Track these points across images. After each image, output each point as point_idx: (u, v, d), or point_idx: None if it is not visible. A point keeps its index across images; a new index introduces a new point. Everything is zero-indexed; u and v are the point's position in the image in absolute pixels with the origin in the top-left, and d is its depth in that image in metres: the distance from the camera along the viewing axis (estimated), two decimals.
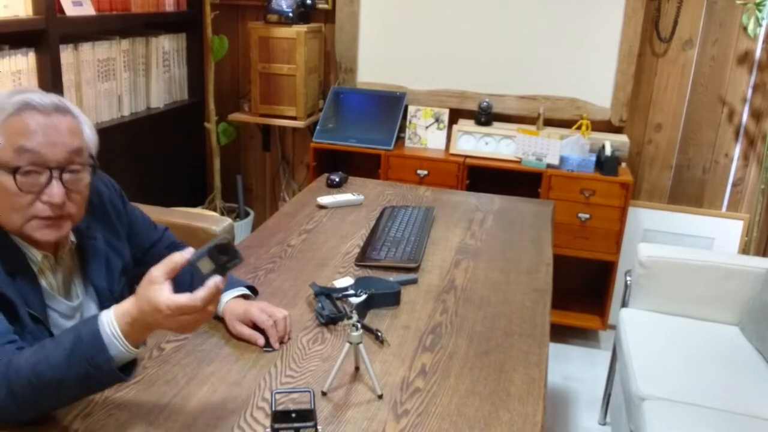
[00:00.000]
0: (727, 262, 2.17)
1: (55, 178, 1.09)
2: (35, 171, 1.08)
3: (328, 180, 2.18)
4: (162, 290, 0.92)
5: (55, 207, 1.10)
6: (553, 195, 2.72)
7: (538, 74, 2.95)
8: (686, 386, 1.80)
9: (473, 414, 1.05)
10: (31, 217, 1.10)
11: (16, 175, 1.07)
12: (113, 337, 0.93)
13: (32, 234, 1.11)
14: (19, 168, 1.06)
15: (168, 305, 0.91)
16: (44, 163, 1.08)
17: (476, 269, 1.60)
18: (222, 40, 3.10)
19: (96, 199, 1.29)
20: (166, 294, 0.92)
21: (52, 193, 1.09)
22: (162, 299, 0.91)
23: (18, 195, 1.08)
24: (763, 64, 2.77)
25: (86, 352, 0.92)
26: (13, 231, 1.12)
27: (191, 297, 0.92)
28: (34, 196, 1.09)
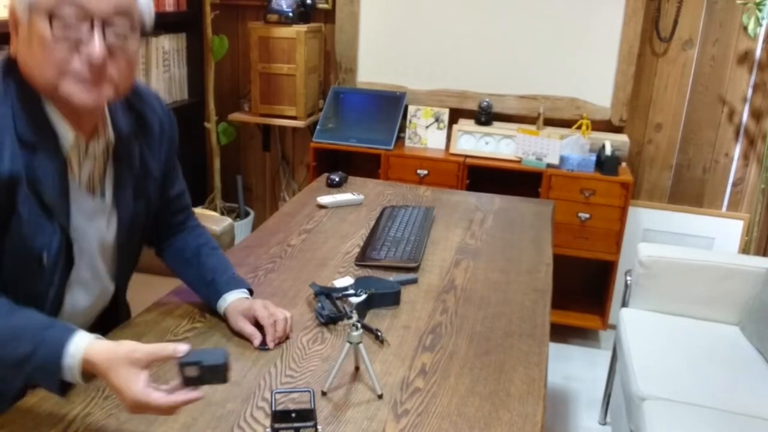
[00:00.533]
0: (728, 262, 2.17)
1: (96, 31, 0.96)
2: (75, 20, 0.95)
3: (328, 180, 2.18)
4: (138, 379, 0.89)
5: (95, 67, 0.97)
6: (553, 195, 2.72)
7: (538, 74, 2.95)
8: (686, 386, 1.79)
9: (473, 414, 1.05)
10: (67, 73, 0.97)
11: (53, 21, 0.94)
12: (70, 369, 0.93)
13: (67, 91, 0.98)
14: (58, 14, 0.94)
15: (138, 397, 0.88)
16: (87, 13, 0.95)
17: (476, 269, 1.60)
18: (222, 40, 3.10)
19: (150, 115, 1.21)
20: (141, 386, 0.89)
21: (93, 47, 0.96)
22: (135, 389, 0.88)
23: (54, 45, 0.95)
24: (763, 63, 2.77)
25: (40, 365, 0.93)
26: (47, 89, 1.00)
27: (163, 400, 0.89)
28: (73, 49, 0.97)
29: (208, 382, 0.91)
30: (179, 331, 1.25)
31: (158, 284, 2.17)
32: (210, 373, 0.90)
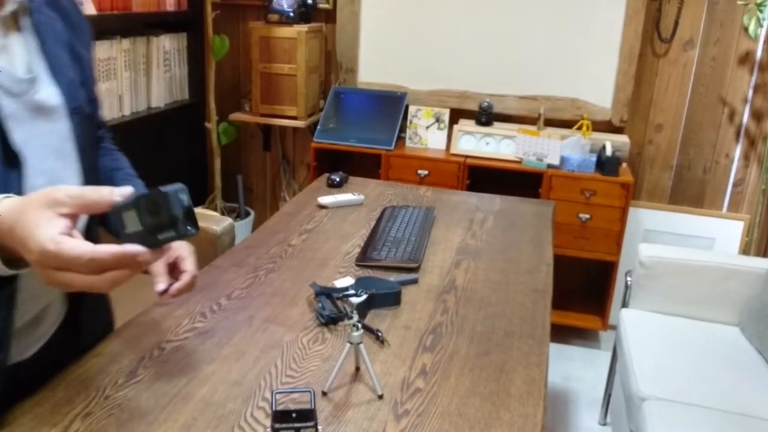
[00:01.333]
0: (728, 263, 2.17)
1: None
2: None
3: (329, 180, 2.18)
4: (50, 224, 0.65)
5: None
6: (553, 195, 2.72)
7: (539, 74, 2.95)
8: (686, 386, 1.79)
9: (473, 414, 1.05)
10: None
11: None
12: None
13: None
14: None
15: (46, 245, 0.64)
16: None
17: (477, 269, 1.60)
18: (223, 40, 3.10)
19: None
20: (52, 231, 0.65)
21: None
22: (43, 235, 0.64)
23: None
24: (763, 64, 2.77)
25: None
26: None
27: (82, 249, 0.65)
28: None
29: (158, 241, 0.67)
30: (179, 331, 1.25)
31: None
32: (152, 217, 0.66)
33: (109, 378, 1.08)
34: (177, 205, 0.66)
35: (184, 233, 0.67)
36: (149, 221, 0.66)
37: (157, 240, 0.67)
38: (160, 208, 0.67)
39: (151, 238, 0.67)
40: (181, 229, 0.67)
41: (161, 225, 0.66)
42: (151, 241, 0.67)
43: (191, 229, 0.68)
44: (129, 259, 0.67)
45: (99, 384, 1.05)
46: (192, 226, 0.68)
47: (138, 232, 0.67)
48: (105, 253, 0.66)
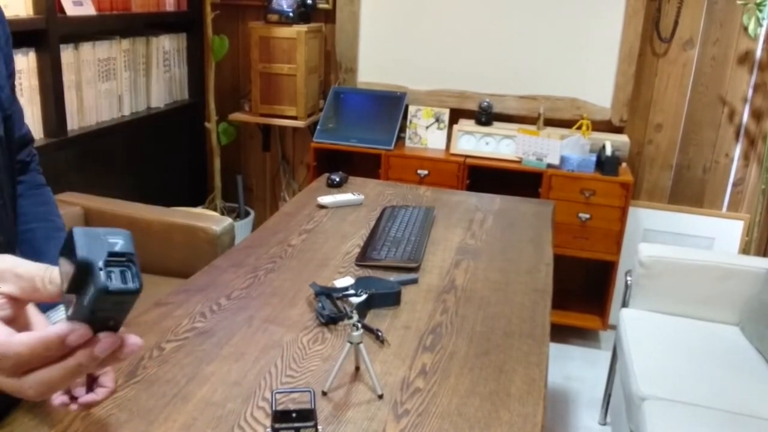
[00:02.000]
0: (728, 262, 2.17)
1: None
2: None
3: (329, 180, 2.18)
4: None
5: None
6: (553, 195, 2.72)
7: (539, 74, 2.96)
8: (686, 386, 1.79)
9: (473, 414, 1.05)
10: None
11: None
12: None
13: None
14: None
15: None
16: None
17: (476, 269, 1.60)
18: (222, 40, 3.10)
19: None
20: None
21: None
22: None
23: None
24: (763, 64, 2.77)
25: None
26: None
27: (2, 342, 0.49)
28: None
29: (86, 306, 0.46)
30: (179, 331, 1.25)
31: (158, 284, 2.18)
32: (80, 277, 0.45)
33: None
34: (94, 247, 0.45)
35: (103, 286, 0.44)
36: (73, 284, 0.46)
37: (84, 307, 0.46)
38: (71, 257, 0.46)
39: (81, 307, 0.47)
40: (98, 279, 0.44)
41: (80, 283, 0.46)
42: (82, 311, 0.47)
43: (117, 281, 0.45)
44: (51, 347, 0.48)
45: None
46: (125, 278, 0.45)
47: (75, 309, 0.48)
48: (16, 349, 0.48)
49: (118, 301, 0.46)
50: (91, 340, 0.48)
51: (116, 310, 0.47)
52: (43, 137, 2.35)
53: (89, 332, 0.48)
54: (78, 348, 0.48)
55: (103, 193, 2.52)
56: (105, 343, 0.49)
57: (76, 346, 0.48)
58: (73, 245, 0.45)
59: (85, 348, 0.48)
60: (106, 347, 0.49)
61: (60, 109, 2.36)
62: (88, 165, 2.55)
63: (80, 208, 2.27)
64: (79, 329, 0.47)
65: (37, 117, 2.32)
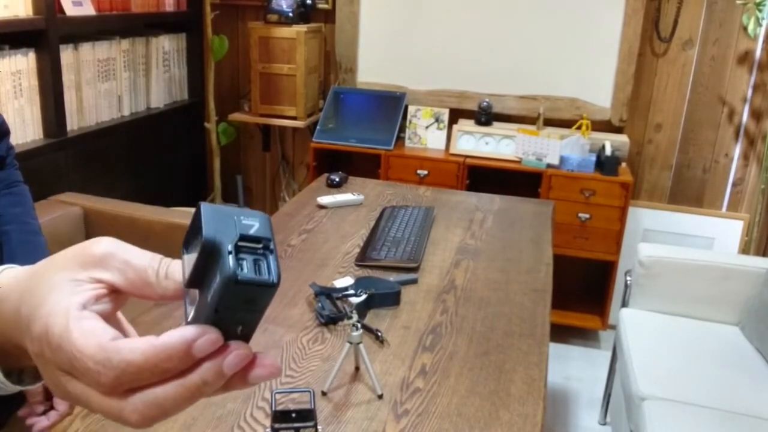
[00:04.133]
0: (727, 262, 2.17)
1: None
2: None
3: (328, 180, 2.18)
4: (76, 290, 0.38)
5: None
6: (553, 195, 2.72)
7: (538, 74, 2.96)
8: (686, 386, 1.80)
9: (473, 414, 1.05)
10: None
11: None
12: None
13: None
14: None
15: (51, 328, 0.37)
16: None
17: (476, 269, 1.60)
18: (222, 40, 3.10)
19: None
20: (75, 300, 0.38)
21: None
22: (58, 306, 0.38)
23: None
24: (763, 64, 2.77)
25: None
26: None
27: (105, 346, 0.36)
28: None
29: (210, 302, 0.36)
30: None
31: None
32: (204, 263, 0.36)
33: None
34: (224, 228, 0.36)
35: (232, 273, 0.35)
36: (195, 274, 0.37)
37: (207, 305, 0.37)
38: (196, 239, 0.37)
39: (204, 306, 0.37)
40: (229, 267, 0.35)
41: (204, 270, 0.37)
42: (204, 310, 0.37)
43: (251, 271, 0.35)
44: (177, 353, 0.36)
45: None
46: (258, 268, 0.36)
47: (197, 309, 0.38)
48: (124, 357, 0.36)
49: (249, 298, 0.36)
50: (220, 350, 0.37)
51: (247, 310, 0.37)
52: (43, 137, 2.35)
53: (221, 338, 0.37)
54: (203, 360, 0.37)
55: (103, 193, 2.52)
56: (237, 355, 0.37)
57: (203, 356, 0.37)
58: (200, 224, 0.36)
59: (213, 359, 0.37)
60: (237, 361, 0.37)
61: (59, 110, 2.36)
62: (87, 165, 2.54)
63: (80, 208, 2.27)
64: (210, 333, 0.36)
65: (37, 117, 2.32)
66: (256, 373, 0.39)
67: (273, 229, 0.38)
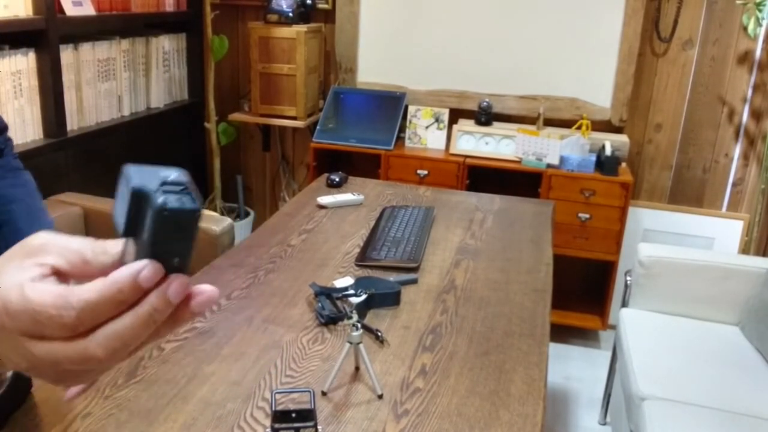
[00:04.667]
0: (727, 262, 2.17)
1: None
2: None
3: (328, 180, 2.18)
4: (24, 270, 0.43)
5: None
6: (553, 195, 2.72)
7: (538, 74, 2.96)
8: (686, 386, 1.80)
9: (473, 414, 1.05)
10: None
11: None
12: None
13: None
14: None
15: (9, 297, 0.42)
16: None
17: (476, 269, 1.60)
18: (222, 40, 3.10)
19: None
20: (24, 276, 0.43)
21: None
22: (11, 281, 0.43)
23: None
24: (763, 64, 2.77)
25: None
26: None
27: (60, 293, 0.41)
28: None
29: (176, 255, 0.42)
30: (179, 331, 1.25)
31: None
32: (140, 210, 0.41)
33: (109, 378, 1.08)
34: (148, 179, 0.41)
35: (162, 205, 0.40)
36: (126, 222, 0.42)
37: (143, 243, 0.41)
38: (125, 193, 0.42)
39: (141, 247, 0.42)
40: (157, 200, 0.40)
41: (137, 216, 0.42)
42: (142, 250, 0.42)
43: (177, 201, 0.40)
44: (123, 290, 0.41)
45: (98, 384, 1.05)
46: (181, 199, 0.41)
47: (135, 253, 0.42)
48: (80, 296, 0.41)
49: (178, 226, 0.41)
50: (163, 281, 0.42)
51: (178, 239, 0.42)
52: (43, 137, 2.35)
53: (161, 268, 0.41)
54: (150, 291, 0.42)
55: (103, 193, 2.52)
56: (180, 283, 0.42)
57: (149, 287, 0.41)
58: (127, 179, 0.41)
59: (158, 288, 0.42)
60: (179, 288, 0.42)
61: (59, 110, 2.36)
62: (87, 165, 2.54)
63: (80, 209, 2.27)
64: (149, 264, 0.41)
65: (37, 117, 2.32)
66: (198, 300, 0.44)
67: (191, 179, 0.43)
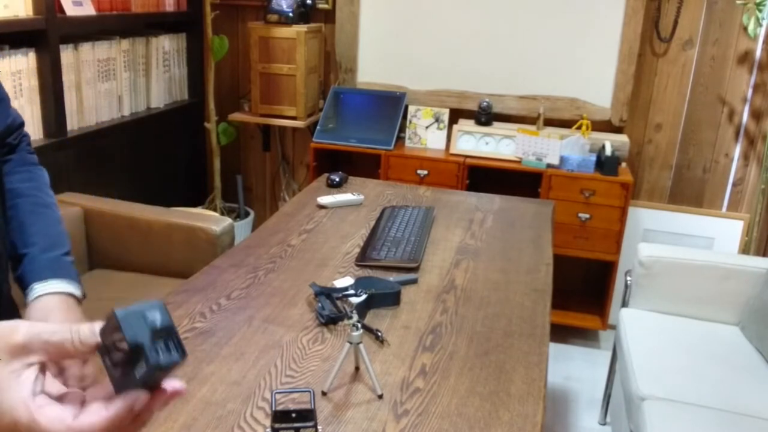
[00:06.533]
0: (727, 262, 2.17)
1: None
2: None
3: (328, 180, 2.18)
4: (21, 381, 0.50)
5: None
6: (553, 195, 2.72)
7: (538, 74, 2.96)
8: (686, 386, 1.79)
9: (473, 414, 1.05)
10: None
11: None
12: None
13: None
14: None
15: (19, 418, 0.49)
16: None
17: (476, 269, 1.60)
18: (222, 40, 3.10)
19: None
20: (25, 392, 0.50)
21: None
22: (17, 400, 0.49)
23: None
24: (763, 64, 2.77)
25: None
26: None
27: (71, 425, 0.50)
28: None
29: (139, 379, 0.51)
30: (179, 331, 1.25)
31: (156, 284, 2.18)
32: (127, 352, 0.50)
33: None
34: (138, 328, 0.50)
35: (156, 362, 0.49)
36: (116, 357, 0.51)
37: (136, 379, 0.51)
38: (118, 336, 0.50)
39: (132, 378, 0.51)
40: (151, 357, 0.49)
41: (130, 359, 0.50)
42: (134, 381, 0.51)
43: (165, 356, 0.50)
44: (124, 417, 0.51)
45: None
46: (169, 350, 0.51)
47: (120, 374, 0.52)
48: (90, 427, 0.50)
49: (167, 371, 0.52)
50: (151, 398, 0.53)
51: (162, 377, 0.53)
52: (43, 137, 2.35)
53: (148, 396, 0.52)
54: None
55: (103, 193, 2.52)
56: (161, 400, 0.53)
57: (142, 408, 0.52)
58: (119, 327, 0.50)
59: (148, 406, 0.53)
60: (161, 404, 0.54)
61: (60, 110, 2.36)
62: (88, 165, 2.54)
63: (80, 209, 2.27)
64: (142, 396, 0.52)
65: (37, 117, 2.32)
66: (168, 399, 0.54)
67: (169, 313, 0.52)
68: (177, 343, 0.51)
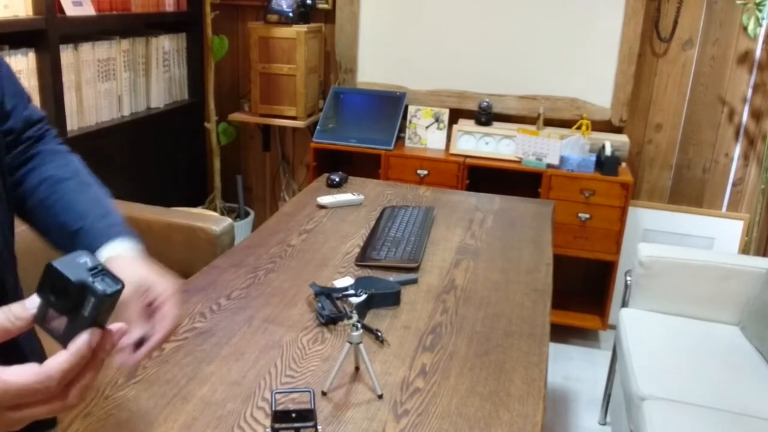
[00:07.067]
0: (727, 262, 2.17)
1: None
2: None
3: (328, 180, 2.18)
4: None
5: None
6: (553, 195, 2.72)
7: (538, 74, 2.96)
8: (686, 386, 1.80)
9: (473, 414, 1.05)
10: None
11: None
12: None
13: None
14: None
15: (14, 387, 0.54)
16: None
17: (476, 269, 1.60)
18: (222, 40, 3.10)
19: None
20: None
21: None
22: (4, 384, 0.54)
23: None
24: (763, 64, 2.77)
25: None
26: None
27: (39, 371, 0.54)
28: None
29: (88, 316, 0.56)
30: (179, 331, 1.25)
31: None
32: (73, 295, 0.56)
33: (109, 378, 1.08)
34: (77, 270, 0.55)
35: (103, 292, 0.55)
36: (64, 304, 0.55)
37: (85, 318, 0.55)
38: (60, 285, 0.55)
39: (81, 320, 0.56)
40: (97, 289, 0.55)
41: (77, 300, 0.55)
42: (83, 322, 0.56)
43: (109, 285, 0.55)
44: (85, 355, 0.56)
45: (99, 384, 1.05)
46: (108, 281, 0.56)
47: (67, 324, 0.56)
48: (58, 368, 0.54)
49: (112, 301, 0.57)
50: (103, 337, 0.58)
51: (108, 310, 0.57)
52: None
53: (100, 332, 0.57)
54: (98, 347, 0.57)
55: None
56: (115, 334, 0.59)
57: (97, 346, 0.57)
58: (61, 275, 0.55)
59: (101, 344, 0.57)
60: (116, 338, 0.59)
61: (60, 110, 2.36)
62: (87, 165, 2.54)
63: None
64: (95, 332, 0.56)
65: None
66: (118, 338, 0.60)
67: None
68: (112, 276, 0.57)
